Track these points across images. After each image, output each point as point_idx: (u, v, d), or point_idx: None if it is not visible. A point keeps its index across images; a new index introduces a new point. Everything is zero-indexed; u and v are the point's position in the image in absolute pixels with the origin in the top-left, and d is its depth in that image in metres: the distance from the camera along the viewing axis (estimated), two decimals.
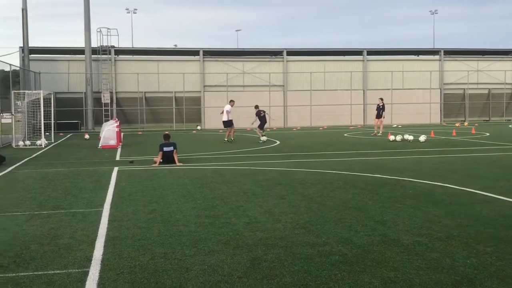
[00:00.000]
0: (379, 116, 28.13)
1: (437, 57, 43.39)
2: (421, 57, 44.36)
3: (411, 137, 23.23)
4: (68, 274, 5.59)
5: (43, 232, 7.45)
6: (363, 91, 41.19)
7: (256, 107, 25.21)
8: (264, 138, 24.17)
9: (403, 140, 23.08)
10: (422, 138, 22.69)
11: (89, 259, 6.10)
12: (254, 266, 5.81)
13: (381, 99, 28.70)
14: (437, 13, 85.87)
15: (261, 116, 24.77)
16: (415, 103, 41.05)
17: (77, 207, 9.32)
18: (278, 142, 23.71)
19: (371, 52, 42.32)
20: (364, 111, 40.77)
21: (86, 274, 5.59)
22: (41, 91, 25.86)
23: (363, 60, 41.78)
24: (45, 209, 9.16)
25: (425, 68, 42.60)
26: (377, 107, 28.48)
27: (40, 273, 5.65)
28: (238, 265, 5.87)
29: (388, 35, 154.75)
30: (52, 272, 5.67)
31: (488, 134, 27.23)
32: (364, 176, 12.68)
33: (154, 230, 7.46)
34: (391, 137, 23.59)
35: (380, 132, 27.88)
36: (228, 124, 24.44)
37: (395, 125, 37.61)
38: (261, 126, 24.86)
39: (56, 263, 5.99)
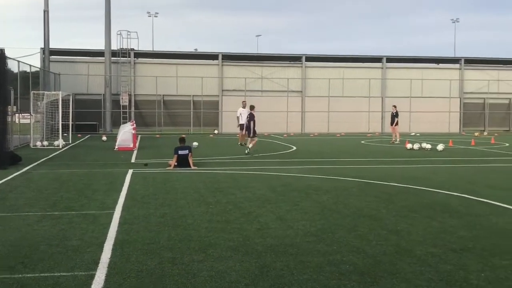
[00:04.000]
0: (393, 123, 28.20)
1: (457, 65, 42.89)
2: (441, 65, 43.83)
3: (429, 146, 22.94)
4: (74, 277, 5.54)
5: (53, 233, 7.43)
6: (382, 98, 40.86)
7: (252, 107, 21.57)
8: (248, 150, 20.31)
9: (420, 148, 22.81)
10: (440, 147, 22.38)
11: (96, 262, 6.05)
12: (263, 274, 5.71)
13: (394, 106, 28.68)
14: (458, 21, 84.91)
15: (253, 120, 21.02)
16: (434, 111, 40.62)
17: (89, 208, 9.30)
18: (294, 148, 23.58)
19: (391, 60, 41.95)
20: (382, 119, 40.42)
21: (92, 277, 5.54)
22: (60, 92, 26.07)
23: (382, 68, 41.45)
24: (57, 210, 9.16)
25: (445, 76, 42.10)
26: (391, 114, 28.46)
27: (46, 274, 5.61)
28: (246, 272, 5.77)
29: (408, 43, 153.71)
30: (58, 274, 5.63)
31: (507, 144, 26.78)
32: (379, 184, 12.52)
33: (164, 234, 7.40)
34: (409, 145, 23.32)
35: (398, 140, 27.63)
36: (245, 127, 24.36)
37: (413, 134, 37.24)
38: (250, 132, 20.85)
39: (63, 265, 5.95)
